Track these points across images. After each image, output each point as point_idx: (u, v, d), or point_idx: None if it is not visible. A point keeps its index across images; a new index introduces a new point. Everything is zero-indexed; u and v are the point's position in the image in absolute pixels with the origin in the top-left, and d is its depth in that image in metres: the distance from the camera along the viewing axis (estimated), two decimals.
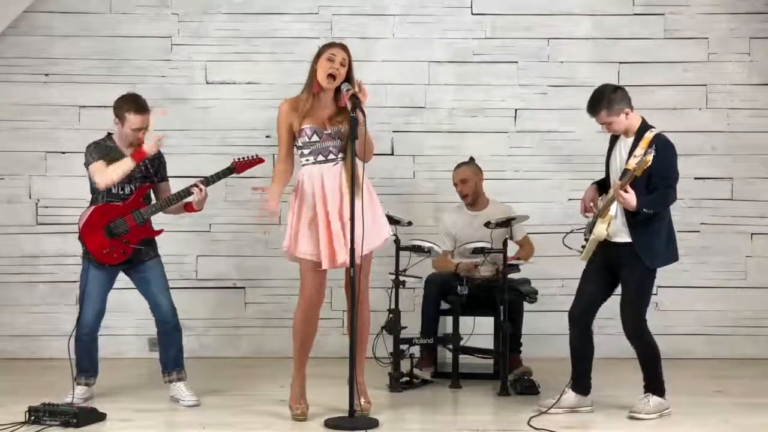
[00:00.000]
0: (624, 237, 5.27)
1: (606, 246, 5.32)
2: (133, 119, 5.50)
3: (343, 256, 5.12)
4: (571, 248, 5.59)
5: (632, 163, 5.14)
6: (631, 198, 5.07)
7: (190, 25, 7.24)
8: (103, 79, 7.11)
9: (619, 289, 5.41)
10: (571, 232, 5.68)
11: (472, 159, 6.70)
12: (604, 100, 5.23)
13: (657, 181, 5.18)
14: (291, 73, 7.15)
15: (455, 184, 6.65)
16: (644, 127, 5.30)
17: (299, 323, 5.27)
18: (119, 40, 7.18)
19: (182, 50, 7.24)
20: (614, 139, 5.42)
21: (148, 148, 5.46)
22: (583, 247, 5.48)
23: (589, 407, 5.46)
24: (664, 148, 5.20)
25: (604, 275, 5.39)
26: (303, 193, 5.22)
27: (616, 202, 5.20)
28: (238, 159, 5.71)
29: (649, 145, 5.15)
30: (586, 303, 5.40)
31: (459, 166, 6.68)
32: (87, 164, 5.56)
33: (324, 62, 5.19)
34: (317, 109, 5.24)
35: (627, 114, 5.26)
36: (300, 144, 5.23)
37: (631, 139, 5.29)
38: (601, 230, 5.28)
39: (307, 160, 5.24)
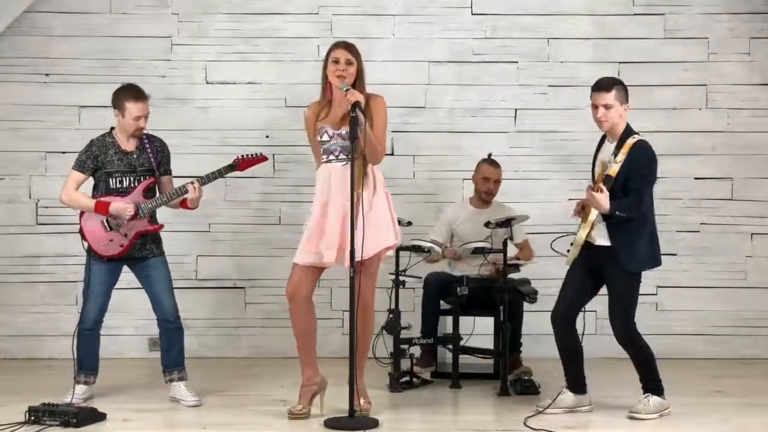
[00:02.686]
0: (605, 240, 5.28)
1: (588, 249, 5.32)
2: (132, 108, 5.53)
3: (329, 256, 5.14)
4: (558, 252, 5.59)
5: (615, 168, 5.18)
6: (601, 198, 5.08)
7: (190, 25, 7.24)
8: (103, 79, 7.10)
9: (604, 292, 5.42)
10: (558, 237, 5.68)
11: (490, 155, 6.69)
12: (616, 85, 5.30)
13: (631, 184, 5.19)
14: (291, 73, 7.17)
15: (485, 179, 6.60)
16: (628, 132, 5.32)
17: (291, 319, 5.29)
18: (119, 40, 7.18)
19: (182, 50, 7.23)
20: (600, 144, 5.45)
21: (115, 208, 5.47)
22: (569, 251, 5.49)
23: (588, 406, 5.46)
24: (642, 153, 5.24)
25: (586, 277, 5.39)
26: (320, 190, 5.25)
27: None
28: (241, 156, 5.71)
29: (630, 151, 5.20)
30: (568, 304, 5.40)
31: (490, 164, 6.64)
32: (73, 163, 5.61)
33: (331, 66, 5.23)
34: (333, 109, 5.28)
35: (625, 110, 5.31)
36: (320, 142, 5.28)
37: (612, 145, 5.33)
38: (580, 235, 5.31)
39: (324, 158, 5.28)
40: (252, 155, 5.72)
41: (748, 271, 7.27)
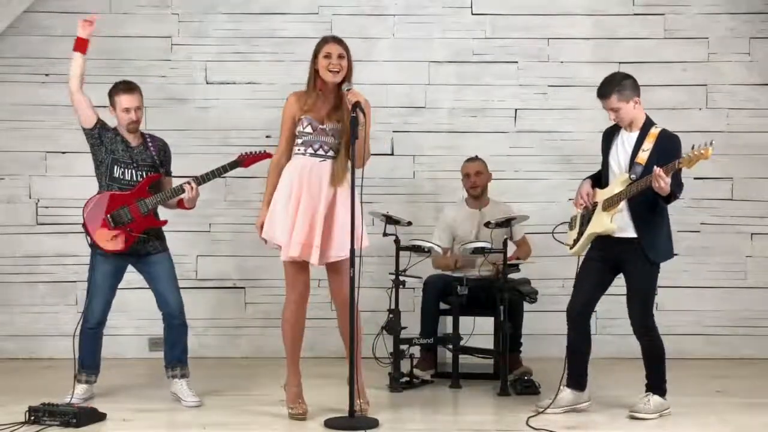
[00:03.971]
0: (629, 232, 5.27)
1: (608, 241, 5.31)
2: (121, 99, 5.59)
3: (308, 254, 5.13)
4: (561, 242, 5.60)
5: (642, 156, 5.18)
6: (669, 182, 5.04)
7: (190, 25, 7.24)
8: (103, 79, 7.03)
9: (616, 288, 5.41)
10: (559, 225, 5.69)
11: (477, 157, 6.70)
12: (615, 84, 5.27)
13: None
14: (291, 73, 7.16)
15: (467, 175, 6.62)
16: (649, 122, 5.32)
17: (290, 323, 5.27)
18: (119, 40, 7.18)
19: (182, 50, 7.24)
20: (611, 136, 5.43)
21: (82, 29, 5.58)
22: (575, 241, 5.48)
23: (586, 402, 5.46)
24: (671, 141, 5.27)
25: (603, 271, 5.39)
26: (288, 181, 5.21)
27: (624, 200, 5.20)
28: (246, 153, 5.73)
29: (657, 140, 5.16)
30: (585, 299, 5.40)
31: (468, 161, 6.67)
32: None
33: (322, 61, 5.23)
34: (319, 103, 5.27)
35: (636, 103, 5.29)
36: (296, 133, 5.27)
37: (634, 134, 5.31)
38: (607, 224, 5.26)
39: (299, 150, 5.26)
40: (256, 152, 5.74)
41: (748, 271, 7.27)
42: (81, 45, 5.60)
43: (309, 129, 5.22)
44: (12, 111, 7.17)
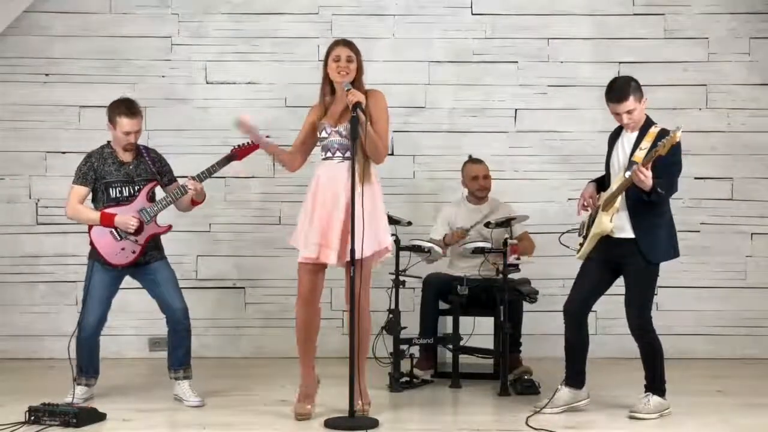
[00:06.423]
0: (627, 233, 5.27)
1: (607, 242, 5.32)
2: (124, 122, 5.54)
3: (326, 255, 5.13)
4: (567, 246, 5.59)
5: (639, 155, 5.15)
6: (649, 176, 5.03)
7: (190, 25, 7.24)
8: (103, 79, 7.11)
9: (616, 287, 5.41)
10: (567, 231, 5.69)
11: (470, 156, 6.70)
12: (630, 86, 5.24)
13: (662, 170, 5.16)
14: (291, 73, 7.17)
15: (475, 178, 6.59)
16: (649, 122, 5.32)
17: (296, 319, 5.28)
18: (119, 40, 7.18)
19: (182, 50, 7.24)
20: (614, 139, 5.44)
21: (120, 221, 5.50)
22: (581, 245, 5.48)
23: (585, 400, 5.45)
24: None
25: (602, 272, 5.39)
26: (312, 187, 5.26)
27: (621, 195, 5.20)
28: (238, 146, 5.73)
29: (655, 139, 5.15)
30: (583, 298, 5.39)
31: (474, 163, 6.66)
32: (73, 178, 5.62)
33: (332, 65, 5.24)
34: (333, 107, 5.30)
35: (645, 102, 5.30)
36: (319, 139, 5.31)
37: (633, 135, 5.31)
38: (605, 223, 5.26)
39: (322, 155, 5.30)
40: (246, 144, 5.73)
41: (748, 271, 7.27)
42: (107, 221, 5.53)
43: (324, 134, 5.25)
44: (12, 111, 7.17)
